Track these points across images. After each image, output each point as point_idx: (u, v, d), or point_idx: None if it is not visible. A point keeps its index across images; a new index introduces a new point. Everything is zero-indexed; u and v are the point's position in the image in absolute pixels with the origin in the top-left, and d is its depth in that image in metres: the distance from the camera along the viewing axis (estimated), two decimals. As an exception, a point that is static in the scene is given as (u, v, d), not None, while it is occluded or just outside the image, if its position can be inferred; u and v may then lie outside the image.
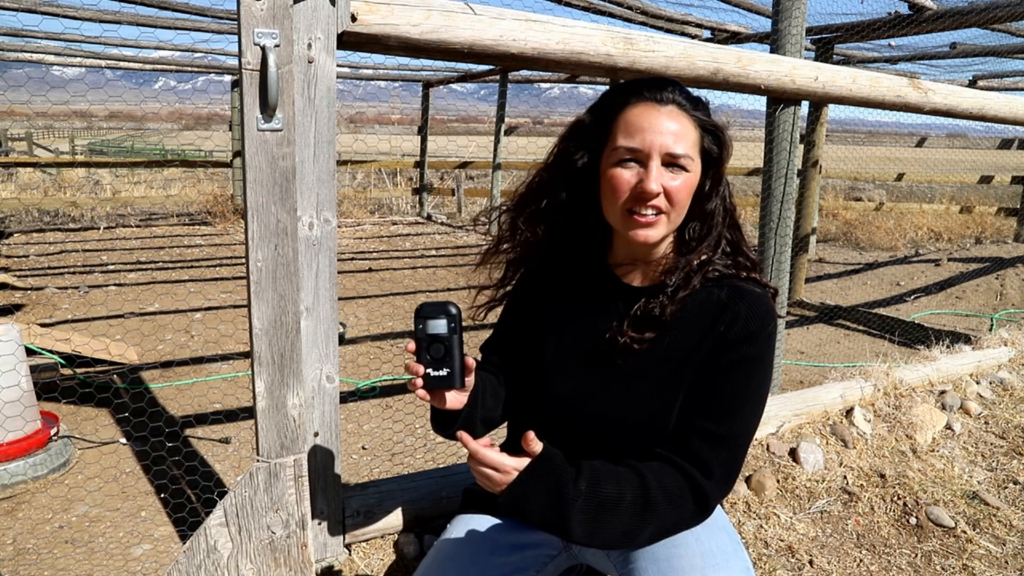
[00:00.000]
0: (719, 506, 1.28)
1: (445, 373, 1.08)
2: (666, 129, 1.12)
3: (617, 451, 1.16)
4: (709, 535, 1.14)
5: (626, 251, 1.24)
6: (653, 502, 1.08)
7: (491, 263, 1.35)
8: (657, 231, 1.14)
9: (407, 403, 3.25)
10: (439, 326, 1.08)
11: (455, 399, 1.14)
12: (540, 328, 1.30)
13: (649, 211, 1.12)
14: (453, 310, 1.08)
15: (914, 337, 4.52)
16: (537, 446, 1.08)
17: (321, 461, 1.67)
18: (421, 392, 1.09)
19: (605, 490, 1.08)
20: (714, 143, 1.17)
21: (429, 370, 1.08)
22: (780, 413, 2.54)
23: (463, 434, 1.08)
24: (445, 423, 1.20)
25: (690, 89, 1.20)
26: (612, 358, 1.21)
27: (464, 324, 1.12)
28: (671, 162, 1.12)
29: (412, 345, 1.09)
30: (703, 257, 1.19)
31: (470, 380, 1.14)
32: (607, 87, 1.42)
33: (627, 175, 1.13)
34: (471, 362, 1.12)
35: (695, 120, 1.15)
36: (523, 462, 1.06)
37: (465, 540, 1.26)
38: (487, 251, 1.36)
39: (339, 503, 1.72)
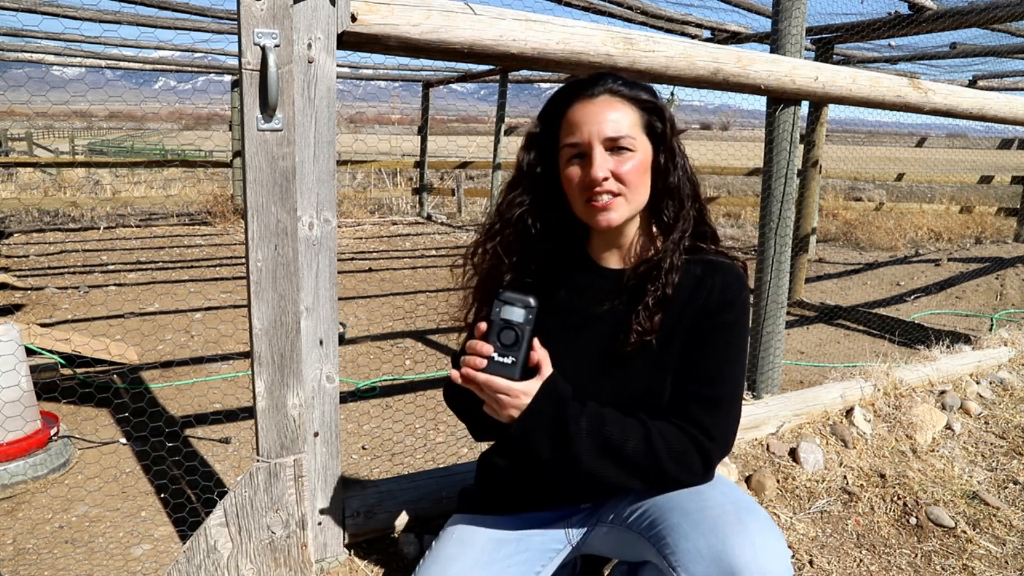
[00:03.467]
0: None
1: (510, 361, 1.05)
2: (601, 118, 1.17)
3: None
4: (732, 488, 1.20)
5: (600, 238, 1.29)
6: (655, 447, 1.14)
7: (478, 299, 1.32)
8: (617, 212, 1.19)
9: (407, 403, 3.25)
10: (516, 313, 1.05)
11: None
12: None
13: (604, 196, 1.17)
14: (533, 302, 1.06)
15: (914, 337, 4.52)
16: (548, 368, 1.10)
17: (321, 461, 1.67)
18: (483, 377, 1.05)
19: (609, 431, 1.13)
20: (657, 120, 1.22)
21: (495, 355, 1.04)
22: (780, 413, 2.54)
23: (471, 372, 1.06)
24: (468, 400, 1.15)
25: (633, 80, 1.24)
26: (602, 341, 1.25)
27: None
28: (614, 146, 1.17)
29: (483, 325, 1.06)
30: (678, 234, 1.23)
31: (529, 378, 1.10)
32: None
33: (577, 170, 1.19)
34: (536, 356, 1.10)
35: (633, 102, 1.20)
36: (532, 385, 1.08)
37: (464, 539, 1.27)
38: (474, 288, 1.32)
39: (339, 503, 1.72)
